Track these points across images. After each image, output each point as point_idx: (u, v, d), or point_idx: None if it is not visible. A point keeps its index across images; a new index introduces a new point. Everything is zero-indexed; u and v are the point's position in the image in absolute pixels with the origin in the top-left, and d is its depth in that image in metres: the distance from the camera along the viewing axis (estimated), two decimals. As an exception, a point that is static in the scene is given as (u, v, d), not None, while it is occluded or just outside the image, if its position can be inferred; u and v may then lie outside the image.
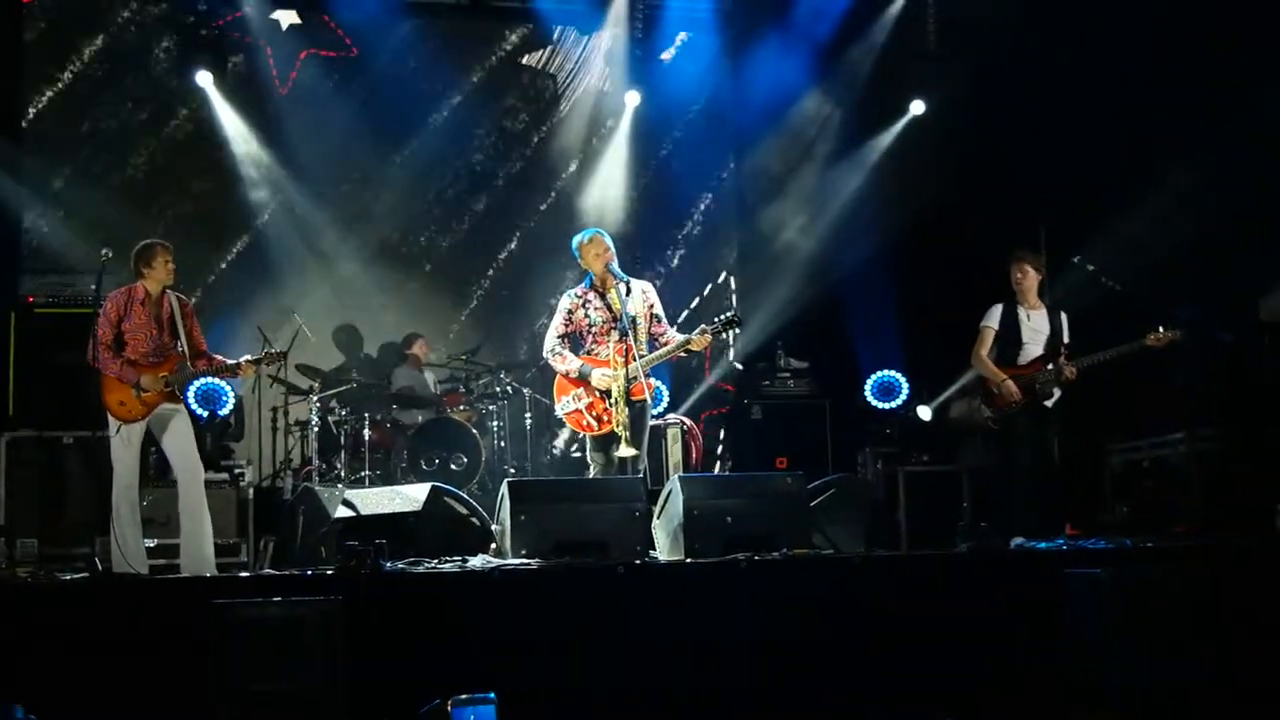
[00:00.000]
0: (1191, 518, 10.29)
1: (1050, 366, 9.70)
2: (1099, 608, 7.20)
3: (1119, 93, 11.69)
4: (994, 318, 9.99)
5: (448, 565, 7.60)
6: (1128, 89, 11.65)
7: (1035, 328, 9.88)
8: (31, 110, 13.35)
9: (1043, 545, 8.51)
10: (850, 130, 14.22)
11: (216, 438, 11.81)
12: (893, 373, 13.22)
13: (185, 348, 8.85)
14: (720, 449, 13.63)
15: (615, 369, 8.68)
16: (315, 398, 11.99)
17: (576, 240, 9.18)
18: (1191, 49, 11.23)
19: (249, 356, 9.04)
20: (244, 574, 8.45)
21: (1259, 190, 10.85)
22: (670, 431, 11.72)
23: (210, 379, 11.38)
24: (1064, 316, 9.95)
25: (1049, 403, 9.74)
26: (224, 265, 13.75)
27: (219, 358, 9.07)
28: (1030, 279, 9.92)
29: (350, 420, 11.98)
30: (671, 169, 14.89)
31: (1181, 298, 9.81)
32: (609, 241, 9.07)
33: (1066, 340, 9.84)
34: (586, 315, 8.99)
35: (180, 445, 8.80)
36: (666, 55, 14.75)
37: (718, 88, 15.02)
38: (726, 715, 7.09)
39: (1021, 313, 9.93)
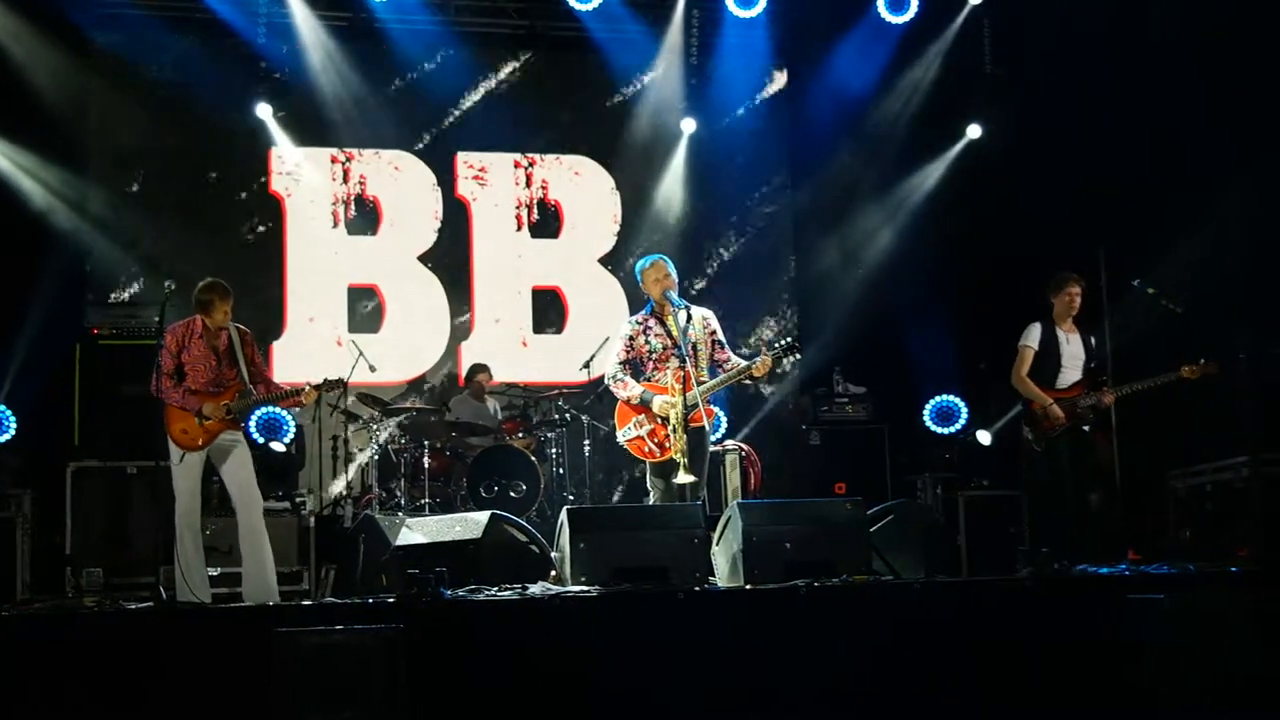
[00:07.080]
0: (1254, 542, 10.18)
1: (1089, 393, 9.76)
2: (1161, 633, 7.15)
3: (1177, 113, 11.60)
4: (1033, 337, 9.96)
5: (508, 593, 7.60)
6: (1186, 109, 11.56)
7: (1073, 351, 9.90)
8: (95, 143, 13.49)
9: (1105, 570, 8.43)
10: (906, 154, 14.21)
11: (278, 467, 11.87)
12: (952, 397, 13.19)
13: (245, 376, 8.94)
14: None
15: (673, 395, 8.70)
16: (375, 426, 12.09)
17: (639, 265, 9.18)
18: (1251, 68, 11.15)
19: (310, 382, 9.08)
20: (306, 602, 8.51)
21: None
22: (729, 458, 11.70)
23: (272, 408, 11.48)
24: (1093, 339, 9.99)
25: (1086, 427, 9.77)
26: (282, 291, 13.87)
27: (279, 384, 9.16)
28: (1078, 302, 9.91)
29: (410, 448, 12.03)
30: (728, 194, 14.91)
31: (1242, 320, 9.72)
32: (670, 268, 9.04)
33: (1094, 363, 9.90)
34: (647, 342, 8.99)
35: (239, 475, 8.90)
36: (722, 82, 14.75)
37: (774, 113, 15.07)
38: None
39: (1060, 334, 9.92)
